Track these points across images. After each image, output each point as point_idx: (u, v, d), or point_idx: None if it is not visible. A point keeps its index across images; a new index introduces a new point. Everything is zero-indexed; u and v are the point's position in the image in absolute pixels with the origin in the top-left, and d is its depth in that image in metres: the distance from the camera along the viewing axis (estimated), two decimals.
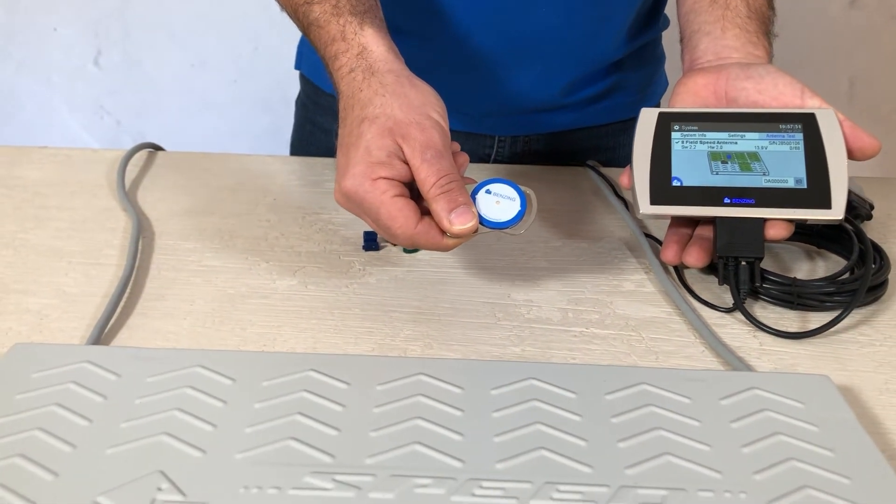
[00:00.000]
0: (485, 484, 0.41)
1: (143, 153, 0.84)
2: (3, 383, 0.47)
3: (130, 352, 0.50)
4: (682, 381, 0.49)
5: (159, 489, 0.40)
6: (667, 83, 0.92)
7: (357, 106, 0.55)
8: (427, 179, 0.52)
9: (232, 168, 0.81)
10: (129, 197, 0.74)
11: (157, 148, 0.86)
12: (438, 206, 0.52)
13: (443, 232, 0.53)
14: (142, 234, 0.68)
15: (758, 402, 0.47)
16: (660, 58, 0.90)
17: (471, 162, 0.85)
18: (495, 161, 0.88)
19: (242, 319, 0.58)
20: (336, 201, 0.55)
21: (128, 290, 0.61)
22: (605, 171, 0.80)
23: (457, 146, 0.57)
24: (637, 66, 0.85)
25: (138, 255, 0.65)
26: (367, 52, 0.57)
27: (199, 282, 0.62)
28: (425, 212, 0.53)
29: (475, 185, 0.55)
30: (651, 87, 0.89)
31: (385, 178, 0.52)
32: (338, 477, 0.41)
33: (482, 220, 0.54)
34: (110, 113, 1.73)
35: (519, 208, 0.54)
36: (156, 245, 0.67)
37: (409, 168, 0.53)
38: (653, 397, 0.47)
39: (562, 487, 0.41)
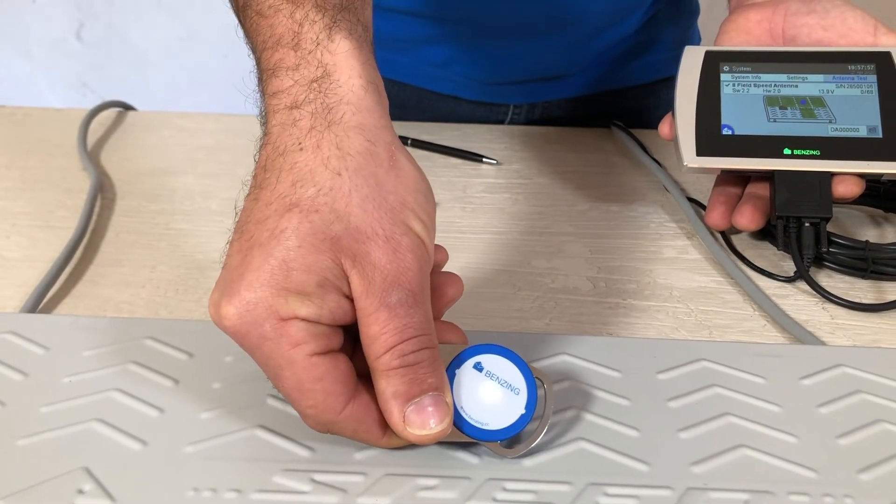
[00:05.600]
0: (510, 486, 0.32)
1: (111, 113, 0.75)
2: None
3: (66, 320, 0.41)
4: (750, 356, 0.39)
5: (80, 491, 0.30)
6: (700, 41, 0.83)
7: (287, 174, 0.32)
8: (380, 338, 0.31)
9: (211, 127, 0.72)
10: (91, 157, 0.65)
11: (128, 107, 0.76)
12: (390, 388, 0.31)
13: (385, 425, 0.32)
14: (102, 195, 0.59)
15: (849, 382, 0.38)
16: (695, 10, 0.81)
17: (480, 123, 0.76)
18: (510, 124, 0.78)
19: (212, 289, 0.49)
20: (212, 320, 0.33)
21: (77, 255, 0.51)
22: (633, 131, 0.71)
23: (442, 254, 0.37)
24: (674, 18, 0.76)
25: (94, 216, 0.56)
26: (329, 80, 0.34)
27: (163, 246, 0.53)
28: (364, 376, 0.33)
29: (459, 352, 0.34)
30: (685, 45, 0.79)
31: (304, 320, 0.31)
32: (317, 476, 0.32)
33: (460, 422, 0.32)
34: (94, 90, 1.63)
35: (522, 410, 0.33)
36: (117, 206, 0.58)
37: (353, 309, 0.32)
38: (717, 376, 0.38)
39: (611, 490, 0.31)
